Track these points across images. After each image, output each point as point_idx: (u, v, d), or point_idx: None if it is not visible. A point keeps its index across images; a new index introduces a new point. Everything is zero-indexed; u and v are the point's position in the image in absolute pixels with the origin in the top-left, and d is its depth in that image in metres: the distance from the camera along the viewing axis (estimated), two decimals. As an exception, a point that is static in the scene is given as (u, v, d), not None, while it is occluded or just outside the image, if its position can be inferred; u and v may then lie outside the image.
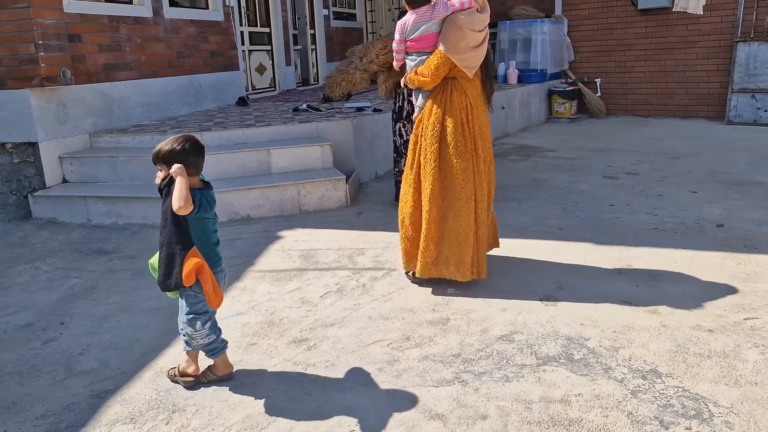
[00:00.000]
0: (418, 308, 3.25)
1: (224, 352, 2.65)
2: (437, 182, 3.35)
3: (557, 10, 10.21)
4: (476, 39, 3.28)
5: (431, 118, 3.38)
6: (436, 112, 3.37)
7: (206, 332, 2.57)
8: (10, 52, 5.09)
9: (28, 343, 3.12)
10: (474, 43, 3.28)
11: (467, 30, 3.24)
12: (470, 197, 3.34)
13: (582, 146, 7.58)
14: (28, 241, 4.74)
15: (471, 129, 3.35)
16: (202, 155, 2.51)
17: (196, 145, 2.47)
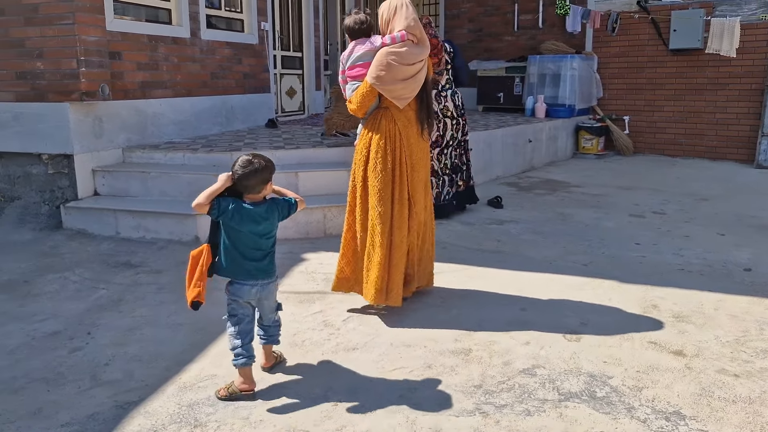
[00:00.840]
0: (441, 337, 3.25)
1: (247, 365, 2.69)
2: (361, 205, 3.53)
3: (588, 46, 10.27)
4: (406, 72, 3.38)
5: (361, 143, 3.55)
6: (365, 138, 3.52)
7: (233, 334, 2.71)
8: (53, 67, 5.25)
9: (55, 351, 3.17)
10: (403, 75, 3.37)
11: (394, 63, 3.34)
12: (385, 222, 3.44)
13: (608, 183, 7.56)
14: (58, 250, 4.83)
15: (395, 156, 3.45)
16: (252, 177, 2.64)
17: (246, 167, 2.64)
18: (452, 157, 5.82)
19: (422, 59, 3.45)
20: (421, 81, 3.48)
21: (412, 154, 3.51)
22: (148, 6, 6.39)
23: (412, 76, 3.42)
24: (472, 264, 4.42)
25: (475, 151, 7.30)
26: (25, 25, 5.26)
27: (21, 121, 5.45)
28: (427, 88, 3.58)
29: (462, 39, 11.81)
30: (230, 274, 2.74)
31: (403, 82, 3.40)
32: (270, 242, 2.78)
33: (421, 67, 3.46)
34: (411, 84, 3.43)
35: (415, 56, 3.41)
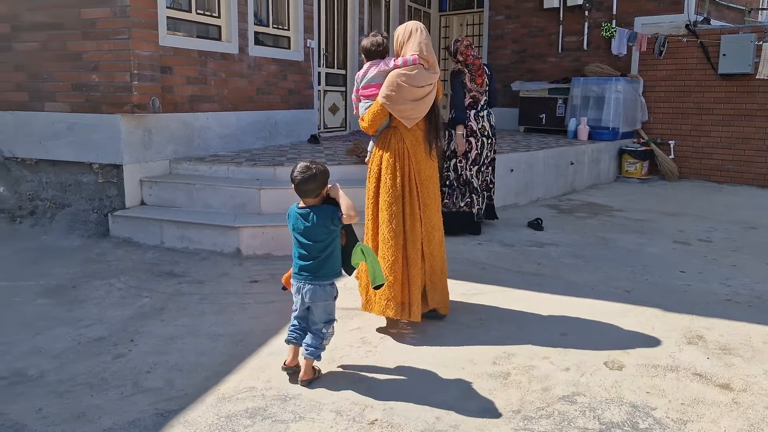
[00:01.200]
0: (479, 359, 3.22)
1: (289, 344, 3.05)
2: (372, 221, 3.67)
3: (633, 69, 10.15)
4: (415, 93, 3.51)
5: (373, 162, 3.69)
6: (376, 156, 3.66)
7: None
8: (107, 79, 5.42)
9: (99, 356, 3.24)
10: (412, 97, 3.50)
11: (404, 84, 3.47)
12: (398, 236, 3.54)
13: (652, 208, 7.42)
14: (104, 257, 4.96)
15: (404, 173, 3.57)
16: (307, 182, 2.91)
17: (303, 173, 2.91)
18: (485, 175, 5.99)
19: (432, 83, 3.57)
20: (430, 103, 3.60)
21: (421, 172, 3.62)
22: (199, 23, 6.57)
23: (422, 98, 3.54)
24: (512, 286, 4.38)
25: (516, 172, 7.28)
26: (83, 39, 5.46)
27: (75, 131, 5.64)
28: (435, 109, 3.68)
29: (505, 60, 11.81)
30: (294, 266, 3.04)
31: (412, 102, 3.52)
32: (316, 247, 2.94)
33: (431, 90, 3.58)
34: (420, 105, 3.55)
35: (425, 79, 3.53)
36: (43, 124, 5.78)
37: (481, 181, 5.92)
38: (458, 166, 5.85)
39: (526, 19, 11.52)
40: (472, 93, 5.75)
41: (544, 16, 11.26)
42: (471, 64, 5.75)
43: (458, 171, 5.85)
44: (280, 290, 4.17)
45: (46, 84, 5.71)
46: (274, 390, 2.87)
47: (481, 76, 5.77)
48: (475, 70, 5.75)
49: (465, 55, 5.75)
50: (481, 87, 5.77)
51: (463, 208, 5.84)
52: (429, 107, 3.61)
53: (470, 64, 5.75)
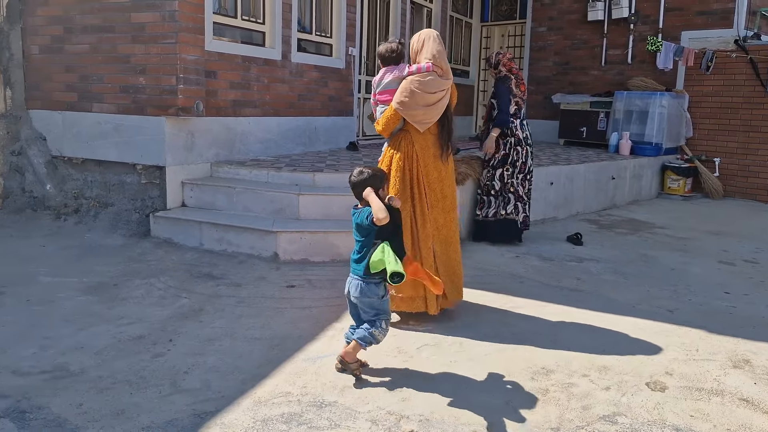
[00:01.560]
0: (517, 374, 3.17)
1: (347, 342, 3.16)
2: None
3: (679, 84, 9.96)
4: (428, 99, 3.65)
5: (384, 162, 3.85)
6: (387, 157, 3.83)
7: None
8: (153, 82, 5.53)
9: (139, 354, 3.28)
10: (424, 102, 3.65)
11: (417, 90, 3.63)
12: (406, 235, 3.65)
13: (695, 227, 7.24)
14: (145, 257, 5.04)
15: (413, 174, 3.75)
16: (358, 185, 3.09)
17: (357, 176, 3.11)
18: (529, 183, 6.00)
19: (444, 89, 3.71)
20: (442, 108, 3.74)
21: (428, 174, 3.78)
22: (244, 28, 6.66)
23: (434, 103, 3.69)
24: (551, 301, 4.30)
25: (556, 185, 7.18)
26: (132, 42, 5.58)
27: (120, 132, 5.76)
28: (448, 114, 3.81)
29: (546, 72, 11.70)
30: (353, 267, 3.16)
31: (424, 108, 3.67)
32: (358, 245, 3.10)
33: (443, 96, 3.72)
34: (432, 110, 3.70)
35: (438, 86, 3.68)
36: (91, 125, 5.93)
37: (526, 189, 5.96)
38: (504, 175, 5.84)
39: (569, 31, 11.40)
40: (516, 99, 5.78)
41: (588, 28, 11.13)
42: (515, 75, 5.80)
43: (504, 179, 5.84)
44: (316, 296, 4.22)
45: (95, 85, 5.85)
46: (309, 396, 2.87)
47: (523, 85, 5.86)
48: (519, 79, 5.83)
49: (508, 67, 5.79)
50: (524, 95, 5.86)
51: (507, 215, 5.84)
52: (441, 112, 3.75)
53: (515, 74, 5.80)
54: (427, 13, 10.90)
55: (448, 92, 3.76)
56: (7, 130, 6.24)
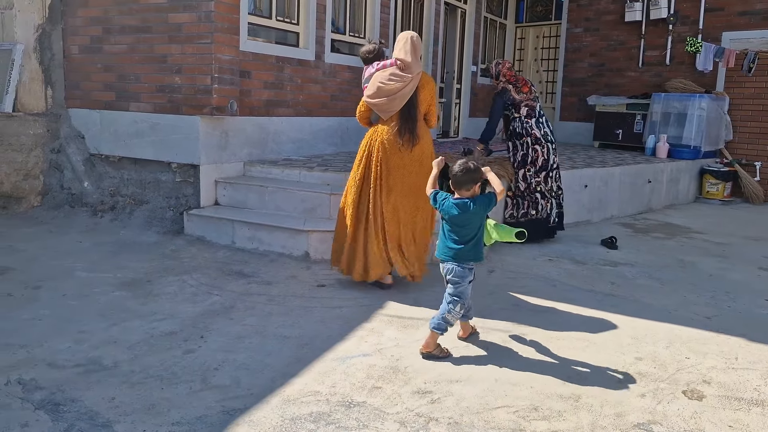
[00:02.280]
0: (548, 379, 3.11)
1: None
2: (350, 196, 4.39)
3: (719, 86, 9.72)
4: (389, 90, 4.15)
5: (360, 147, 4.41)
6: (363, 143, 4.39)
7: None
8: (189, 82, 5.60)
9: (171, 350, 3.31)
10: (386, 93, 4.16)
11: (380, 83, 4.17)
12: (356, 205, 4.32)
13: (735, 232, 7.05)
14: (178, 254, 5.10)
15: (376, 160, 4.25)
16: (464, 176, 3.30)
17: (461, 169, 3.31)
18: (554, 180, 6.02)
19: (404, 81, 4.13)
20: (404, 98, 4.17)
21: (388, 160, 4.23)
22: (278, 29, 6.70)
23: (394, 93, 4.15)
24: (584, 305, 4.23)
25: (590, 188, 7.07)
26: (169, 42, 5.66)
27: (156, 131, 5.84)
28: (411, 105, 4.21)
29: (581, 73, 11.54)
30: (439, 253, 3.43)
31: (387, 98, 4.17)
32: (466, 232, 3.33)
33: (403, 87, 4.14)
34: (393, 100, 4.17)
35: (398, 78, 4.15)
36: (128, 123, 6.03)
37: (549, 186, 5.97)
38: (527, 175, 5.89)
39: (605, 32, 11.23)
40: (524, 103, 5.85)
41: (625, 29, 10.94)
42: (514, 82, 5.90)
43: (528, 180, 5.87)
44: (346, 296, 4.22)
45: (132, 85, 5.95)
46: (338, 396, 2.86)
47: (526, 85, 5.91)
48: (519, 83, 5.90)
49: (509, 77, 5.91)
50: (530, 94, 5.90)
51: (535, 215, 5.88)
52: (403, 102, 4.18)
53: (513, 81, 5.90)
54: (461, 14, 10.84)
55: (410, 85, 4.15)
56: (48, 128, 6.38)
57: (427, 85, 4.30)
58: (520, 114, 5.86)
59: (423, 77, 4.27)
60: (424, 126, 4.35)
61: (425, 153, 4.28)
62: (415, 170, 4.24)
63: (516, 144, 5.90)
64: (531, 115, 5.86)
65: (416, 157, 4.25)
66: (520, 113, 5.86)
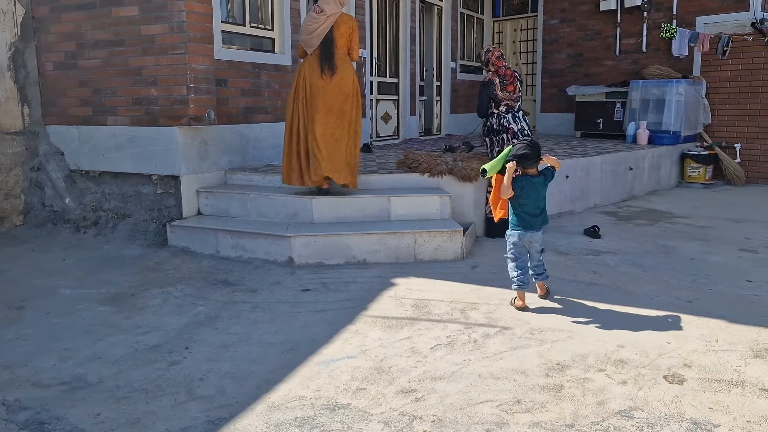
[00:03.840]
0: (531, 371, 3.15)
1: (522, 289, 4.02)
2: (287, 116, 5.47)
3: (695, 71, 9.81)
4: (308, 30, 5.23)
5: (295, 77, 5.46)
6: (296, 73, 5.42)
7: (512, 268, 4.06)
8: (165, 93, 5.59)
9: (155, 363, 3.32)
10: (306, 33, 5.24)
11: (303, 25, 5.35)
12: (290, 124, 5.38)
13: (716, 215, 7.12)
14: (162, 266, 5.10)
15: (303, 85, 5.28)
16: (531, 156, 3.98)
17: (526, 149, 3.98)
18: None
19: (318, 23, 5.16)
20: (319, 36, 5.19)
21: (312, 84, 5.23)
22: (253, 36, 6.70)
23: (312, 33, 5.20)
24: (566, 296, 4.27)
25: (572, 178, 7.12)
26: (143, 54, 5.65)
27: (135, 144, 5.84)
28: (327, 40, 5.21)
29: (560, 64, 11.61)
30: (518, 227, 4.04)
31: (307, 36, 5.25)
32: (543, 204, 4.07)
33: (317, 27, 5.17)
34: (312, 38, 5.21)
35: (312, 20, 5.22)
36: (106, 138, 6.01)
37: None
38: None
39: (581, 22, 11.30)
40: (504, 102, 5.83)
41: (601, 18, 11.02)
42: (502, 75, 5.82)
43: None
44: (330, 299, 4.23)
45: (109, 99, 5.94)
46: (323, 400, 2.88)
47: (512, 84, 5.86)
48: (506, 79, 5.83)
49: (497, 66, 5.84)
50: (513, 94, 5.86)
51: None
52: (320, 39, 5.19)
53: (501, 75, 5.82)
54: (438, 11, 10.87)
55: (324, 25, 5.16)
56: (26, 147, 6.36)
57: (343, 24, 5.24)
58: (498, 110, 5.84)
59: (340, 17, 5.23)
60: (344, 58, 5.28)
61: (344, 80, 5.24)
62: (334, 93, 5.21)
63: (493, 141, 5.87)
64: (508, 110, 5.85)
65: (336, 83, 5.21)
66: (498, 109, 5.84)
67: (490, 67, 5.87)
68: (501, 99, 5.81)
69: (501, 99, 5.81)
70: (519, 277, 3.98)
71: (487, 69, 5.91)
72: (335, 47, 5.20)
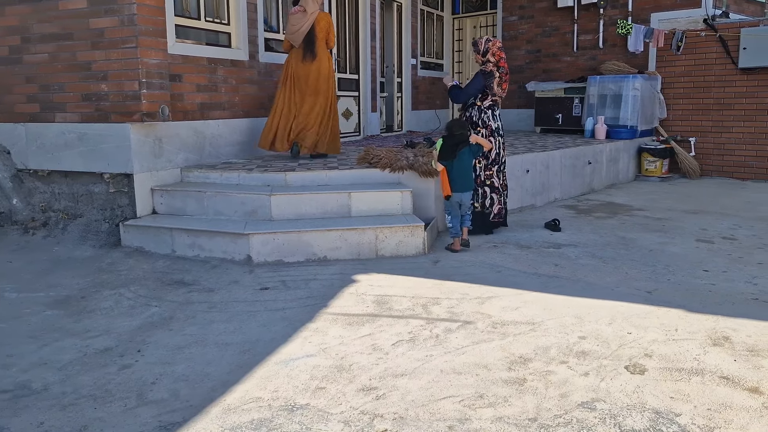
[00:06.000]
0: (493, 365, 3.11)
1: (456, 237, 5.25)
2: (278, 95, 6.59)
3: (651, 66, 9.97)
4: (293, 29, 6.37)
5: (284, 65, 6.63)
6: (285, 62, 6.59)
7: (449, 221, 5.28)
8: (116, 88, 5.40)
9: (105, 367, 3.18)
10: (291, 31, 6.41)
11: (289, 24, 6.46)
12: (276, 103, 6.46)
13: (673, 207, 7.24)
14: (115, 267, 4.92)
15: (291, 74, 6.42)
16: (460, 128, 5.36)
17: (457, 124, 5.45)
18: (504, 175, 6.00)
19: (302, 22, 6.30)
20: (303, 33, 6.32)
21: (297, 71, 6.41)
22: (209, 30, 6.54)
23: (296, 30, 6.33)
24: (528, 289, 4.25)
25: (532, 173, 7.14)
26: (92, 48, 5.45)
27: (85, 141, 5.63)
28: (310, 35, 6.34)
29: (519, 60, 11.68)
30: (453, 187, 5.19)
31: (293, 33, 6.37)
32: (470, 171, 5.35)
33: (301, 26, 6.29)
34: (297, 35, 6.35)
35: (295, 20, 6.36)
36: (55, 135, 5.78)
37: (502, 181, 5.93)
38: (477, 167, 5.74)
39: (540, 18, 11.39)
40: (495, 98, 5.77)
41: (558, 15, 11.12)
42: (502, 68, 5.72)
43: (477, 171, 5.74)
44: (290, 297, 4.14)
45: (57, 95, 5.71)
46: (280, 400, 2.78)
47: (506, 83, 5.79)
48: (504, 74, 5.74)
49: (498, 57, 5.70)
50: (504, 93, 5.81)
51: (476, 207, 5.76)
52: (304, 35, 6.32)
53: (501, 67, 5.72)
54: (398, 8, 10.82)
55: (306, 24, 6.29)
56: (-30, 146, 6.07)
57: (322, 20, 6.43)
58: (481, 103, 5.74)
59: (318, 15, 6.40)
60: (322, 48, 6.45)
61: (322, 65, 6.44)
62: (315, 76, 6.40)
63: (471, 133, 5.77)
64: (491, 106, 5.77)
65: (315, 67, 6.39)
66: (482, 102, 5.74)
67: (489, 57, 5.68)
68: (495, 94, 5.71)
69: (495, 94, 5.71)
70: (453, 227, 5.21)
71: (485, 59, 5.71)
72: (316, 39, 6.36)
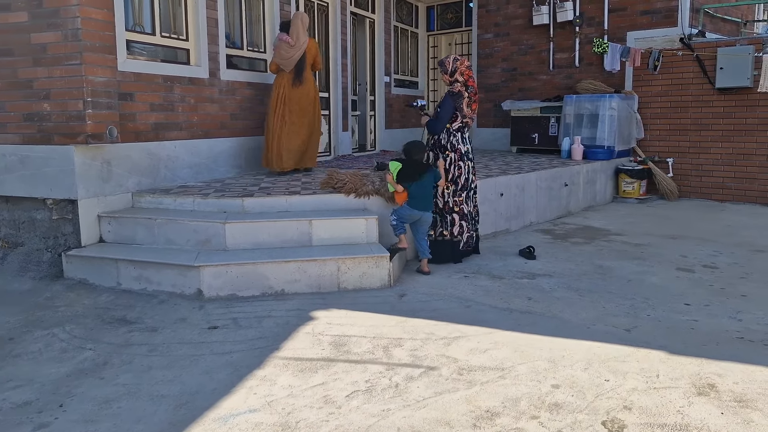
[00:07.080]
0: (457, 421, 2.77)
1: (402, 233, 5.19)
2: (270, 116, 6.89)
3: (627, 85, 9.80)
4: (285, 56, 6.71)
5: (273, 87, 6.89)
6: (275, 85, 6.87)
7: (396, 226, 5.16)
8: (59, 108, 5.02)
9: (19, 426, 2.80)
10: (283, 57, 6.71)
11: (281, 51, 6.73)
12: (269, 125, 6.77)
13: (651, 231, 6.99)
14: (53, 303, 4.52)
15: (281, 97, 6.72)
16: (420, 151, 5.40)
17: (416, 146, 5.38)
18: (474, 201, 5.74)
19: (294, 50, 6.70)
20: (294, 60, 6.71)
21: (288, 93, 6.72)
22: (165, 46, 6.20)
23: (289, 57, 6.70)
24: (499, 327, 3.93)
25: (507, 196, 6.87)
26: (34, 65, 5.07)
27: (26, 165, 5.23)
28: (301, 61, 6.73)
29: (495, 78, 11.48)
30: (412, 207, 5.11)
31: (285, 60, 6.71)
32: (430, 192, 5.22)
33: (294, 54, 6.70)
34: (289, 61, 6.71)
35: (286, 49, 6.70)
36: (-6, 158, 5.37)
37: (471, 207, 5.65)
38: (445, 193, 5.46)
39: (515, 36, 11.22)
40: (465, 119, 5.50)
41: (534, 33, 10.96)
42: (471, 87, 5.48)
43: (445, 198, 5.46)
44: (240, 338, 3.78)
45: (-3, 115, 5.31)
46: (211, 470, 2.42)
47: (476, 103, 5.55)
48: (473, 94, 5.49)
49: (467, 76, 5.46)
50: (474, 113, 5.56)
51: (445, 236, 5.46)
52: (295, 62, 6.70)
53: (470, 86, 5.48)
54: (370, 24, 10.58)
55: (299, 52, 6.70)
56: None
57: (311, 49, 6.86)
58: (450, 125, 5.46)
59: (308, 42, 6.80)
60: (309, 72, 6.87)
61: (309, 88, 6.86)
62: (303, 98, 6.79)
63: (438, 155, 5.49)
64: (461, 130, 5.51)
65: (304, 90, 6.78)
66: (451, 125, 5.46)
67: (457, 77, 5.44)
68: (464, 115, 5.45)
69: (464, 115, 5.45)
70: (399, 229, 5.16)
71: (453, 79, 5.47)
72: (305, 64, 6.79)
